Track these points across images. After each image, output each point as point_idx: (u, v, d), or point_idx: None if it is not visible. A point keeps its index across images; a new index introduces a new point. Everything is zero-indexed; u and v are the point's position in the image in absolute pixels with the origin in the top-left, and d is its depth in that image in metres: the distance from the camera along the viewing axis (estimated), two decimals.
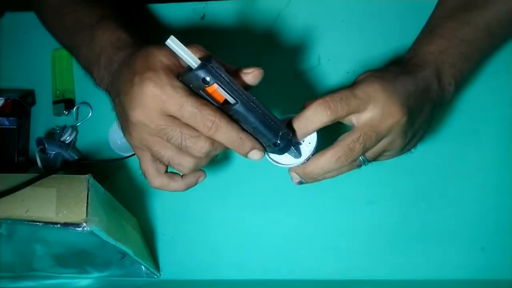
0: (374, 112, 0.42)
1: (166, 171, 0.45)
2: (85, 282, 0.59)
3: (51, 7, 0.56)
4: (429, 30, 0.51)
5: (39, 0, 0.58)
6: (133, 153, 0.52)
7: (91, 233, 0.42)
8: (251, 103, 0.40)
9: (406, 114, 0.42)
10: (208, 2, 0.64)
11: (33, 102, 0.64)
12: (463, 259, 0.55)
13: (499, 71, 0.58)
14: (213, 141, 0.41)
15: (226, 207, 0.58)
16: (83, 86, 0.64)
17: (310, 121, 0.42)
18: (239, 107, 0.39)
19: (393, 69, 0.45)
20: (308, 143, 0.45)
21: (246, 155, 0.43)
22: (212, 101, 0.40)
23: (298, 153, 0.45)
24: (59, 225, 0.42)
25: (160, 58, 0.41)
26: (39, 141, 0.59)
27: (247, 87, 0.42)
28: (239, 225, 0.58)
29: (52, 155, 0.59)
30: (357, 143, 0.42)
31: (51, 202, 0.42)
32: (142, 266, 0.54)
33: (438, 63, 0.47)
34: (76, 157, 0.60)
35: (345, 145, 0.42)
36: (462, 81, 0.49)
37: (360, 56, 0.60)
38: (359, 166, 0.45)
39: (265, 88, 0.61)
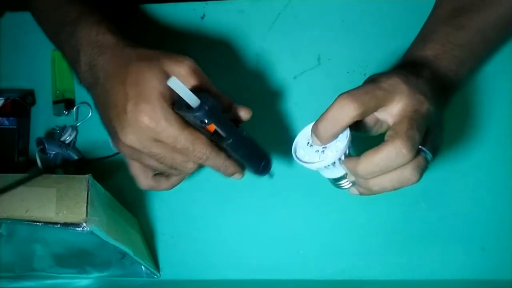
0: (403, 101, 0.40)
1: (154, 175, 0.49)
2: (85, 282, 0.59)
3: (39, 7, 0.55)
4: (423, 36, 0.51)
5: (30, 0, 0.57)
6: None
7: (91, 233, 0.42)
8: (240, 139, 0.44)
9: (430, 103, 0.41)
10: (208, 2, 0.64)
11: (33, 102, 0.64)
12: (463, 259, 0.55)
13: (499, 71, 0.58)
14: (200, 164, 0.44)
15: (226, 207, 0.58)
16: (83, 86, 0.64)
17: (337, 118, 0.39)
18: (230, 143, 0.43)
19: (397, 71, 0.45)
20: (336, 143, 0.41)
21: (228, 177, 0.47)
22: (204, 132, 0.42)
23: (324, 157, 0.42)
24: (59, 225, 0.42)
25: (154, 84, 0.41)
26: (39, 141, 0.59)
27: (239, 121, 0.46)
28: (239, 225, 0.58)
29: (52, 155, 0.59)
30: (411, 130, 0.38)
31: (51, 202, 0.43)
32: (142, 266, 0.54)
33: (433, 68, 0.47)
34: (76, 157, 0.60)
35: (402, 135, 0.38)
36: (460, 84, 0.49)
37: (360, 56, 0.60)
38: (426, 162, 0.40)
39: (265, 88, 0.61)
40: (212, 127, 0.41)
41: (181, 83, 0.38)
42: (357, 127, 0.43)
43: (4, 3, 0.67)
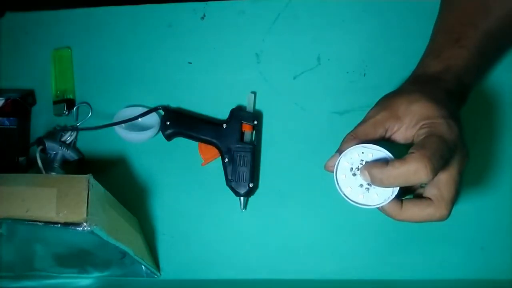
0: (457, 166, 0.42)
1: None
2: (85, 282, 0.59)
3: None
4: (456, 38, 0.49)
5: None
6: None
7: (92, 232, 0.42)
8: None
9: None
10: (208, 2, 0.64)
11: (34, 102, 0.64)
12: (463, 259, 0.55)
13: (499, 71, 0.58)
14: None
15: (227, 207, 0.58)
16: (83, 86, 0.64)
17: (407, 179, 0.38)
18: None
19: (437, 91, 0.45)
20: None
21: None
22: None
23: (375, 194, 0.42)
24: (59, 225, 0.42)
25: None
26: (39, 141, 0.59)
27: None
28: (239, 225, 0.58)
29: (52, 155, 0.59)
30: (456, 196, 0.42)
31: (52, 202, 0.42)
32: (143, 266, 0.54)
33: (462, 81, 0.48)
34: (77, 157, 0.60)
35: (448, 202, 0.41)
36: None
37: (360, 56, 0.60)
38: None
39: (265, 88, 0.61)
40: None
41: None
42: None
43: (4, 3, 0.67)
